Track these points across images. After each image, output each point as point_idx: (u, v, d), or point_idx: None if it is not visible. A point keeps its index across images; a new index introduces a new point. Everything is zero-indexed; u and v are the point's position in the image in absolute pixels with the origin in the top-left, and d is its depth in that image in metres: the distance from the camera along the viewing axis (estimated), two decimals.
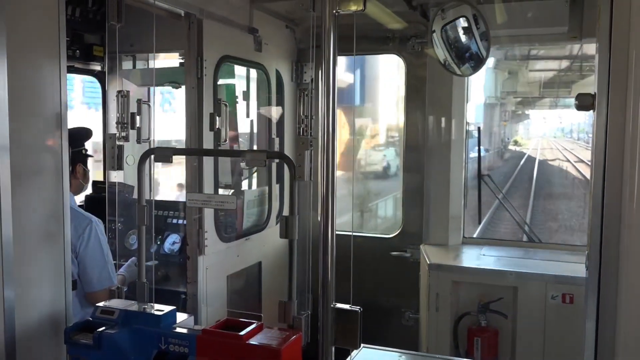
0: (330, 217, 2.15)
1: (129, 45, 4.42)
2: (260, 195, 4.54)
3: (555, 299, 3.69)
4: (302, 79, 4.78)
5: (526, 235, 6.28)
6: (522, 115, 29.41)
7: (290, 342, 2.03)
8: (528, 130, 32.82)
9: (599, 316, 1.97)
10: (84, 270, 3.16)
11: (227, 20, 3.83)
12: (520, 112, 28.29)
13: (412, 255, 4.66)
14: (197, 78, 3.54)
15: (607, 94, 1.91)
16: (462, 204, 4.54)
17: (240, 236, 4.15)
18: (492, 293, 3.89)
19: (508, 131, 28.39)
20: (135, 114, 2.63)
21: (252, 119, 4.57)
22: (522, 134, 32.21)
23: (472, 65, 3.53)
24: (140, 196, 2.40)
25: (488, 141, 23.14)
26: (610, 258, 1.95)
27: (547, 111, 29.59)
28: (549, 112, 30.38)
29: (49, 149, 2.37)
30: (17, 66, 2.16)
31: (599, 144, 1.95)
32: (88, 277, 3.16)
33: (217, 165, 3.81)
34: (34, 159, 2.33)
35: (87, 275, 3.16)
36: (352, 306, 2.15)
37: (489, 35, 3.34)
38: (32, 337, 2.27)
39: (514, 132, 30.30)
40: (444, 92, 4.41)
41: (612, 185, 1.92)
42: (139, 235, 2.43)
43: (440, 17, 3.40)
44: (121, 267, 3.67)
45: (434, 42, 3.46)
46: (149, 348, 2.17)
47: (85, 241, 3.16)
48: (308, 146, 2.25)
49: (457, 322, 3.98)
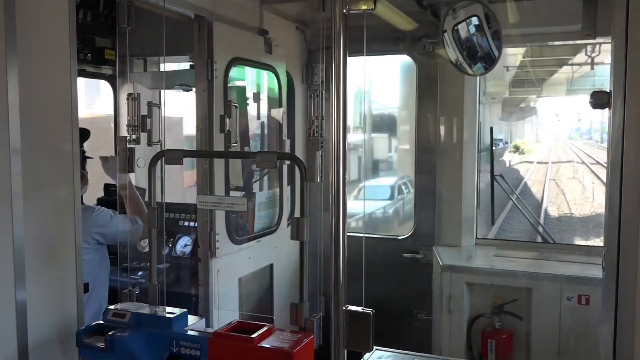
0: (341, 219, 2.13)
1: (139, 48, 4.44)
2: (271, 197, 4.53)
3: (570, 300, 3.64)
4: (313, 81, 4.77)
5: (540, 236, 6.22)
6: (527, 110, 23.61)
7: (303, 345, 2.01)
8: (536, 131, 26.19)
9: (617, 317, 1.93)
10: (113, 237, 3.33)
11: (237, 22, 3.83)
12: (524, 106, 23.09)
13: (424, 256, 4.63)
14: (207, 80, 3.55)
15: (623, 92, 1.87)
16: (475, 204, 4.50)
17: (251, 238, 4.15)
18: (506, 294, 3.85)
19: (510, 130, 22.60)
20: (145, 116, 2.63)
21: (263, 121, 4.57)
22: (529, 135, 25.25)
23: (484, 65, 3.49)
24: (151, 199, 2.39)
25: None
26: (628, 258, 1.91)
27: (559, 103, 22.64)
28: (563, 105, 23.06)
29: (60, 153, 2.38)
30: (29, 70, 2.17)
31: (615, 142, 1.92)
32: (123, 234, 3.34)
33: (228, 167, 3.80)
34: (46, 163, 2.33)
35: (124, 233, 3.35)
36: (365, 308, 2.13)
37: (501, 35, 3.30)
38: (44, 341, 2.28)
39: (516, 134, 24.08)
40: (455, 92, 4.38)
41: (629, 184, 1.89)
42: (150, 238, 2.43)
43: (451, 16, 3.37)
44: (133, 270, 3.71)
45: (445, 42, 3.43)
46: (160, 351, 2.16)
47: (97, 224, 3.31)
48: (319, 147, 2.23)
49: (470, 324, 3.94)
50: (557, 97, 21.34)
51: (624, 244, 1.92)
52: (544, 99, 21.36)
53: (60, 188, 2.38)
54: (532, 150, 24.28)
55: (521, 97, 20.65)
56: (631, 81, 1.87)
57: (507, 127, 22.34)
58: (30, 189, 2.19)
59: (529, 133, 26.14)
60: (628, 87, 1.87)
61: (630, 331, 1.90)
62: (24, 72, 2.12)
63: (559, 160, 22.65)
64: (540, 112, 24.51)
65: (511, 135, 23.12)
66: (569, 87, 18.02)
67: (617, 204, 1.93)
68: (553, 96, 21.21)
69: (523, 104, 22.59)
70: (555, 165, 21.82)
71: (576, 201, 15.22)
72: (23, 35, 2.13)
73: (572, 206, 14.53)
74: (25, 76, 2.13)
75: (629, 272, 1.90)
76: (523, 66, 13.08)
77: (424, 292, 4.46)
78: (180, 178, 6.14)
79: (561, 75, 15.88)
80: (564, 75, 15.86)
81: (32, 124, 2.20)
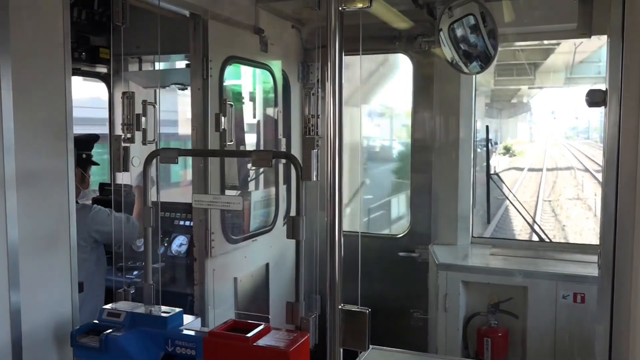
0: (337, 217, 2.13)
1: (134, 47, 4.42)
2: (267, 196, 4.52)
3: (566, 299, 3.64)
4: (309, 79, 4.76)
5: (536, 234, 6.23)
6: (520, 106, 20.14)
7: (298, 344, 2.00)
8: (530, 130, 22.54)
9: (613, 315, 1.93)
10: (110, 235, 3.32)
11: (233, 21, 3.81)
12: (516, 102, 19.73)
13: (420, 255, 4.63)
14: (202, 79, 3.53)
15: (619, 90, 1.87)
16: (471, 203, 4.50)
17: (247, 238, 4.14)
18: (502, 293, 3.85)
19: (499, 129, 18.95)
20: (140, 115, 2.62)
21: (259, 119, 4.56)
22: (522, 134, 21.60)
23: (480, 64, 3.49)
24: (146, 197, 2.38)
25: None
26: (624, 256, 1.91)
27: (556, 98, 18.23)
28: (560, 99, 18.57)
29: (54, 152, 2.37)
30: (23, 69, 2.16)
31: (611, 140, 1.92)
32: (120, 233, 3.32)
33: (224, 166, 3.79)
34: (40, 162, 2.32)
35: (120, 232, 3.31)
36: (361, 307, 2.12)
37: (497, 33, 3.30)
38: (38, 340, 2.26)
39: (507, 133, 20.71)
40: (451, 91, 4.38)
41: (625, 182, 1.89)
42: (145, 237, 2.42)
43: (447, 15, 3.37)
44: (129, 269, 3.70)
45: (441, 41, 3.43)
46: (155, 350, 2.15)
47: (95, 222, 3.32)
48: (315, 146, 2.22)
49: (466, 323, 3.95)
50: (553, 88, 17.28)
51: (620, 242, 1.92)
52: (539, 92, 17.94)
53: (54, 187, 2.36)
54: (524, 152, 20.62)
55: (511, 91, 17.48)
56: (627, 79, 1.87)
57: (497, 125, 19.04)
58: (25, 187, 2.17)
59: (522, 132, 23.30)
60: (624, 86, 1.87)
61: (626, 329, 1.90)
62: (18, 70, 2.11)
63: (555, 167, 18.68)
64: (535, 109, 21.32)
65: (501, 135, 19.97)
66: (568, 76, 14.85)
67: (612, 202, 1.93)
68: (549, 87, 17.08)
69: (515, 99, 19.76)
70: (552, 173, 17.61)
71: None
72: (17, 34, 2.12)
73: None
74: (19, 75, 2.11)
75: (625, 270, 1.90)
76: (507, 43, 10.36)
77: (420, 290, 4.46)
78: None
79: (558, 60, 13.17)
80: (561, 60, 13.32)
81: (26, 122, 2.19)
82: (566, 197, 13.95)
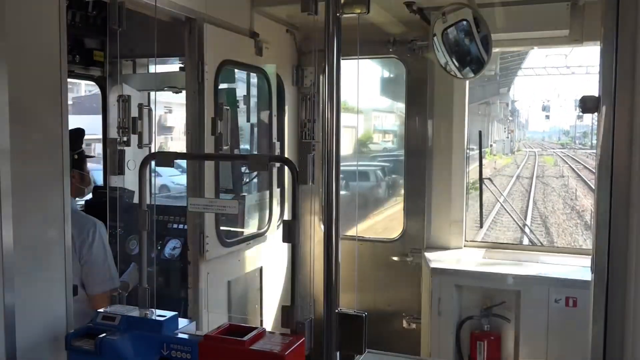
0: (334, 222, 2.13)
1: (129, 50, 4.41)
2: (261, 200, 4.52)
3: (558, 303, 3.67)
4: (303, 83, 4.77)
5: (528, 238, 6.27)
6: (492, 82, 14.15)
7: (294, 347, 2.00)
8: (507, 129, 17.06)
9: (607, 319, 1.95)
10: (88, 272, 3.11)
11: (228, 25, 3.82)
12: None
13: (413, 259, 4.64)
14: (198, 83, 3.53)
15: (613, 96, 1.89)
16: (464, 207, 4.53)
17: (241, 241, 4.13)
18: (495, 297, 3.87)
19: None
20: (136, 118, 2.62)
21: (253, 123, 4.56)
22: (496, 135, 16.47)
23: (473, 69, 3.52)
24: (141, 201, 2.38)
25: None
26: (617, 260, 1.93)
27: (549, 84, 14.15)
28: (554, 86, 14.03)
29: (50, 155, 2.36)
30: (18, 71, 2.15)
31: (604, 145, 1.94)
32: (92, 280, 3.12)
33: (218, 170, 3.79)
34: (35, 165, 2.31)
35: (91, 278, 3.12)
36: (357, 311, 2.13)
37: (490, 39, 3.33)
38: (33, 344, 2.25)
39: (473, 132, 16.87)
40: (445, 96, 4.41)
41: (618, 187, 1.91)
42: (140, 241, 2.41)
43: (441, 20, 3.39)
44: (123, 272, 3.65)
45: (435, 46, 3.45)
46: (150, 354, 2.14)
47: (89, 244, 3.11)
48: (310, 150, 2.24)
49: (459, 327, 3.96)
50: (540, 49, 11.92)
51: (614, 246, 1.94)
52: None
53: (50, 190, 2.35)
54: (497, 174, 14.72)
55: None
56: (620, 86, 1.89)
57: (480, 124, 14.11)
58: (19, 190, 2.16)
59: (496, 133, 16.80)
60: (617, 92, 1.89)
61: (620, 332, 1.92)
62: (13, 72, 2.10)
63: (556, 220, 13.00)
64: (517, 92, 14.52)
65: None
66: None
67: (606, 206, 1.95)
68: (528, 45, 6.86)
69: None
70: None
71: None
72: (12, 36, 2.11)
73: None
74: (14, 77, 2.11)
75: (619, 274, 1.92)
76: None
77: (413, 294, 4.47)
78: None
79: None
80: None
81: (22, 125, 2.18)
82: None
